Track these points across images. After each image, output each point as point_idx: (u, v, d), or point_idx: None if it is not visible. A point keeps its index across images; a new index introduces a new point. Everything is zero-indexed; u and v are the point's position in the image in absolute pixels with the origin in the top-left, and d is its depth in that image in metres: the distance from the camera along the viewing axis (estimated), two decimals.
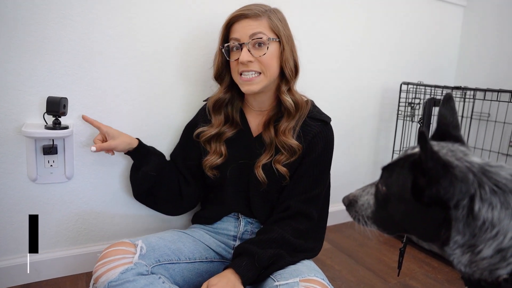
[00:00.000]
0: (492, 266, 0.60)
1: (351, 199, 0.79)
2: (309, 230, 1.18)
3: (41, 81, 1.22)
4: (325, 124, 1.22)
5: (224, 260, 1.26)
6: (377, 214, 0.73)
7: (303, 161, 1.19)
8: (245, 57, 1.12)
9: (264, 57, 1.13)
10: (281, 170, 1.17)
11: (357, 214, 0.77)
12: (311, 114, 1.21)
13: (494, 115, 2.17)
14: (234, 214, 1.28)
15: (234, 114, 1.27)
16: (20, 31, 1.16)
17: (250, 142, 1.25)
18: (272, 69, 1.16)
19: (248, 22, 1.13)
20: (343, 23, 1.84)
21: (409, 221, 0.68)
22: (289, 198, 1.19)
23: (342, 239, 1.88)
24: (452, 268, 1.65)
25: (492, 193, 0.59)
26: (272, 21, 1.14)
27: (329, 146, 1.22)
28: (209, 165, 1.25)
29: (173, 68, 1.42)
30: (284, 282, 1.00)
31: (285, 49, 1.15)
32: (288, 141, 1.16)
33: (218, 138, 1.25)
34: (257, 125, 1.27)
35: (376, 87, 2.06)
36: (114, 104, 1.34)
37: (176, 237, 1.19)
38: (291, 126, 1.18)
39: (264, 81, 1.16)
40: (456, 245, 0.62)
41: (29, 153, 1.24)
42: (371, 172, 2.18)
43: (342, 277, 1.53)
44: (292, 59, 1.18)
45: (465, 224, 0.60)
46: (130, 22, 1.31)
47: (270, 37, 1.13)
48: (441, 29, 2.28)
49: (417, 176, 0.63)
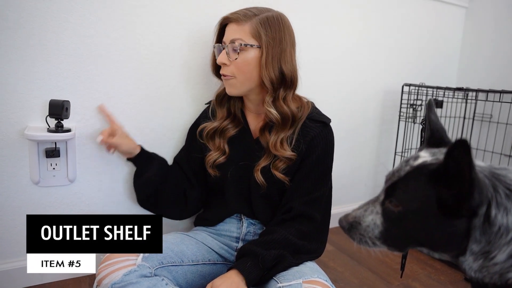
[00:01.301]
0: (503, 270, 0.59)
1: (352, 222, 0.72)
2: (312, 232, 1.18)
3: (43, 84, 1.22)
4: (324, 126, 1.21)
5: (226, 262, 1.26)
6: (387, 233, 0.68)
7: (304, 163, 1.19)
8: (220, 59, 1.16)
9: (236, 61, 1.14)
10: (279, 177, 1.17)
11: (363, 237, 0.70)
12: (311, 116, 1.21)
13: (496, 116, 2.16)
14: (236, 215, 1.29)
15: (236, 110, 1.28)
16: (22, 34, 1.16)
17: (250, 144, 1.25)
18: (246, 75, 1.15)
19: (232, 26, 1.15)
20: (343, 25, 1.84)
21: (428, 236, 0.64)
22: (291, 200, 1.19)
23: (344, 241, 1.88)
24: (455, 270, 1.65)
25: (506, 198, 0.58)
26: (254, 27, 1.11)
27: (329, 147, 1.22)
28: (211, 161, 1.25)
29: (176, 70, 1.42)
30: (287, 284, 1.00)
31: (264, 57, 1.11)
32: (283, 154, 1.16)
33: (221, 134, 1.26)
34: (256, 127, 1.27)
35: (377, 88, 2.06)
36: (116, 107, 1.34)
37: (179, 239, 1.19)
38: (282, 137, 1.16)
39: (238, 85, 1.17)
40: (471, 253, 0.61)
41: (32, 156, 1.24)
42: (373, 174, 2.18)
43: (345, 279, 1.53)
44: (277, 67, 1.13)
45: (482, 232, 0.59)
46: (132, 24, 1.31)
47: (246, 43, 1.12)
48: (443, 30, 2.28)
49: (440, 189, 0.60)
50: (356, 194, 2.14)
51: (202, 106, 1.42)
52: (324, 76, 1.83)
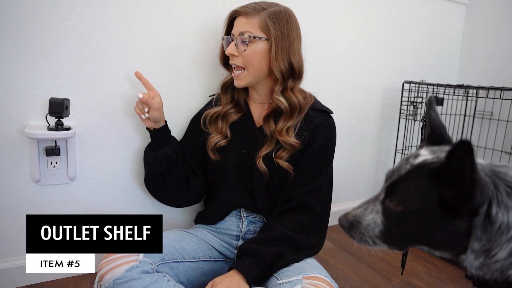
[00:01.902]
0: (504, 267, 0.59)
1: (352, 220, 0.71)
2: (311, 223, 1.18)
3: (43, 82, 1.22)
4: (327, 115, 1.24)
5: (227, 260, 1.27)
6: (388, 232, 0.68)
7: (306, 152, 1.20)
8: (229, 50, 1.19)
9: (245, 53, 1.16)
10: (283, 165, 1.18)
11: (363, 236, 0.70)
12: (314, 106, 1.24)
13: (497, 114, 2.16)
14: (236, 213, 1.29)
15: (240, 98, 1.30)
16: (22, 33, 1.16)
17: (252, 131, 1.26)
18: (256, 66, 1.18)
19: (241, 20, 1.18)
20: (344, 22, 1.84)
21: (429, 235, 0.64)
22: (292, 189, 1.19)
23: (345, 238, 1.88)
24: (455, 267, 1.65)
25: (507, 196, 0.58)
26: (263, 20, 1.15)
27: (331, 136, 1.24)
28: (213, 143, 1.26)
29: (177, 68, 1.42)
30: (287, 280, 1.01)
31: (273, 48, 1.16)
32: (287, 140, 1.18)
33: (224, 118, 1.28)
34: (259, 116, 1.28)
35: (378, 86, 2.06)
36: (117, 105, 1.34)
37: (180, 236, 1.20)
38: (289, 126, 1.19)
39: (248, 76, 1.20)
40: (472, 251, 0.61)
41: (32, 154, 1.24)
42: (373, 171, 2.18)
43: (346, 276, 1.53)
44: (286, 59, 1.17)
45: (483, 230, 0.58)
46: (131, 23, 1.31)
47: (255, 36, 1.15)
48: (443, 28, 2.28)
49: (441, 189, 0.59)
50: (356, 192, 2.14)
51: (206, 99, 1.43)
52: (324, 73, 1.83)
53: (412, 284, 1.50)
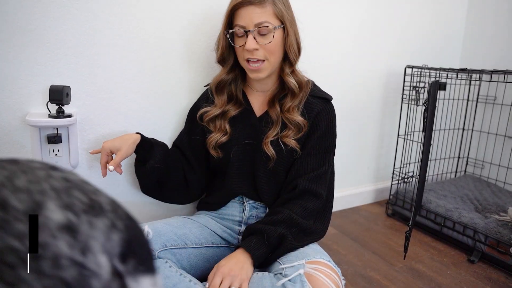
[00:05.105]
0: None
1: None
2: (317, 209, 1.19)
3: (43, 70, 1.21)
4: (327, 102, 1.24)
5: (230, 246, 1.27)
6: None
7: (309, 139, 1.21)
8: (251, 45, 1.12)
9: (269, 45, 1.13)
10: (289, 143, 1.19)
11: None
12: (313, 93, 1.24)
13: (500, 98, 2.14)
14: (239, 198, 1.29)
15: (238, 93, 1.28)
16: (21, 20, 1.15)
17: (254, 122, 1.25)
18: (277, 55, 1.18)
19: (253, 9, 1.11)
20: (346, 7, 1.82)
21: None
22: (297, 177, 1.20)
23: (347, 224, 1.88)
24: (458, 251, 1.65)
25: None
26: (277, 7, 1.12)
27: (333, 123, 1.24)
28: (213, 142, 1.25)
29: (176, 54, 1.41)
30: (290, 265, 1.01)
31: (289, 34, 1.16)
32: (295, 118, 1.18)
33: (222, 116, 1.27)
34: (260, 105, 1.28)
35: (380, 71, 2.04)
36: (117, 91, 1.34)
37: (182, 223, 1.20)
38: (295, 104, 1.20)
39: (269, 67, 1.18)
40: None
41: (34, 142, 1.24)
42: (376, 157, 2.17)
43: (348, 261, 1.54)
44: (295, 42, 1.19)
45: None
46: (132, 9, 1.30)
47: (275, 25, 1.12)
48: (446, 11, 2.25)
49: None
50: (358, 177, 2.14)
51: (203, 89, 1.42)
52: (326, 58, 1.81)
53: (415, 269, 1.51)
